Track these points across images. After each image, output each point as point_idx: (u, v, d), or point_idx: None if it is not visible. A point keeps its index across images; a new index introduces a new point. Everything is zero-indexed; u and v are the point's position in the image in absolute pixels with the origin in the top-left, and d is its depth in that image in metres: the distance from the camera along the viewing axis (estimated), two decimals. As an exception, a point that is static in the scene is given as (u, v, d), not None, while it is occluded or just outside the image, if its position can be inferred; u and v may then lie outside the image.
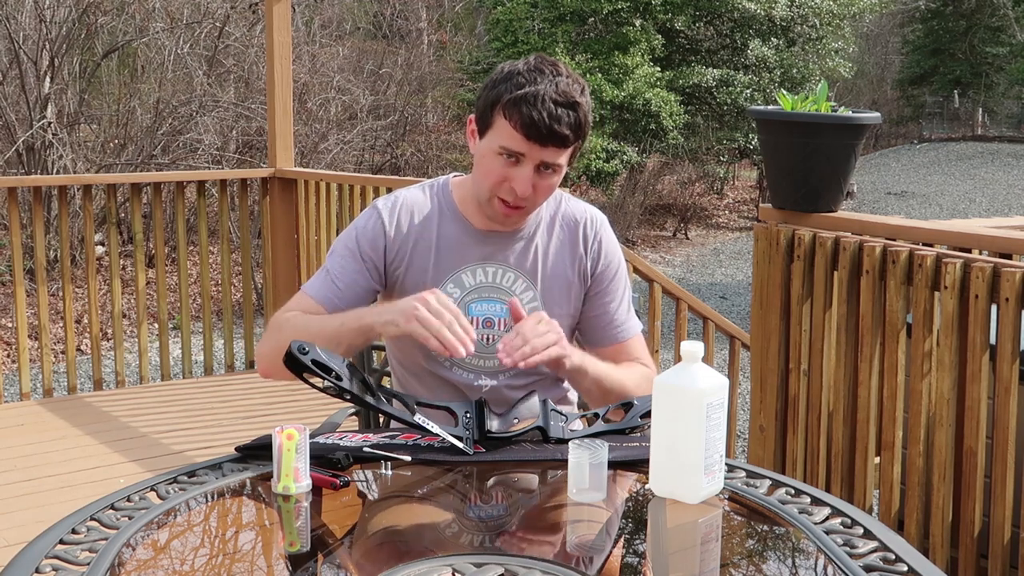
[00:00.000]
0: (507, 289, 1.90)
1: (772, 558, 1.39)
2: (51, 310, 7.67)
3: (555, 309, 1.92)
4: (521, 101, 1.74)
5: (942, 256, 2.53)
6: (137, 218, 5.06)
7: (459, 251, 1.90)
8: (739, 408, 6.52)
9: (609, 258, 1.98)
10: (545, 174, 1.80)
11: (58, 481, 3.70)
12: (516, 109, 1.74)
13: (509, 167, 1.78)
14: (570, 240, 1.95)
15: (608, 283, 1.97)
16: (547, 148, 1.76)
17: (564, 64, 1.81)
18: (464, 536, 1.40)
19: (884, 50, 30.19)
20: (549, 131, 1.74)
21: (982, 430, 2.47)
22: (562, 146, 1.77)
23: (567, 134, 1.75)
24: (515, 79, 1.76)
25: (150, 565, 1.31)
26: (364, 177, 5.16)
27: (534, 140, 1.75)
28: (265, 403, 4.65)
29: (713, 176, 18.92)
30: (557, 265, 1.94)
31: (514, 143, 1.76)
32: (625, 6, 15.12)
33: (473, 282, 1.90)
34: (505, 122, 1.76)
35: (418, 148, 14.00)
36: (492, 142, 1.79)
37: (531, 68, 1.77)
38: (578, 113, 1.76)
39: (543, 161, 1.77)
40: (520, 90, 1.74)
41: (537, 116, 1.73)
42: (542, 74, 1.76)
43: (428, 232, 1.91)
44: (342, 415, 2.04)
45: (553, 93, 1.74)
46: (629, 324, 2.00)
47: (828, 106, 2.92)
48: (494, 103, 1.78)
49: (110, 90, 11.47)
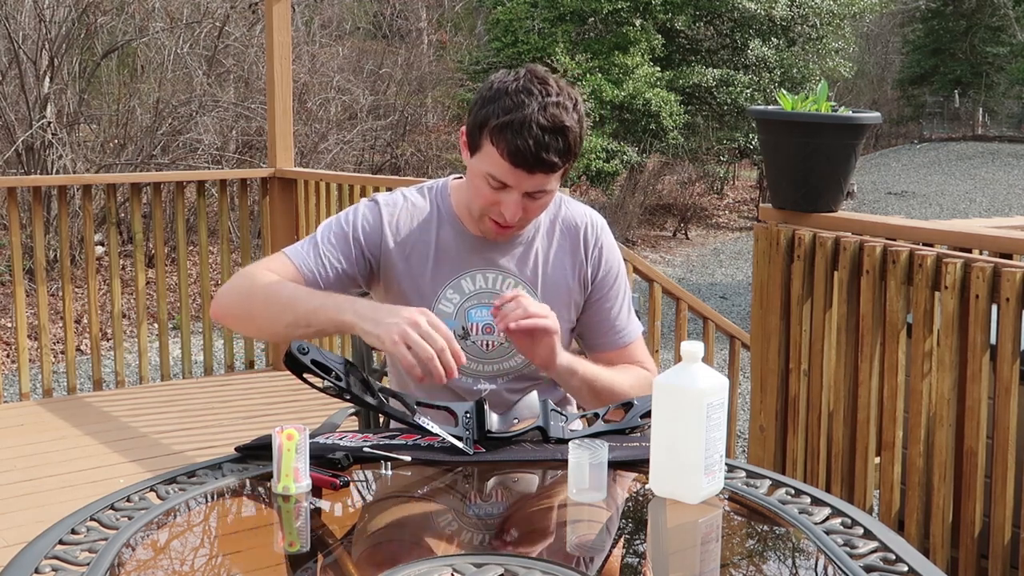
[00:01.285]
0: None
1: (772, 558, 1.39)
2: (51, 310, 7.66)
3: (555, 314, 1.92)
4: (507, 128, 1.70)
5: (942, 256, 2.53)
6: (137, 218, 5.05)
7: (458, 257, 1.89)
8: (739, 408, 6.52)
9: (610, 264, 1.97)
10: (535, 196, 1.78)
11: (58, 481, 3.70)
12: (502, 136, 1.70)
13: (497, 192, 1.76)
14: (571, 246, 1.94)
15: (608, 289, 1.96)
16: (535, 175, 1.73)
17: (555, 79, 1.76)
18: (464, 536, 1.40)
19: (884, 50, 30.20)
20: (536, 159, 1.70)
21: (982, 430, 2.47)
22: (550, 172, 1.74)
23: (555, 161, 1.72)
24: (502, 101, 1.71)
25: (150, 565, 1.31)
26: (364, 177, 5.17)
27: (521, 168, 1.71)
28: (265, 403, 4.65)
29: (713, 176, 18.92)
30: (557, 270, 1.93)
31: (501, 172, 1.73)
32: (625, 6, 15.12)
33: (472, 288, 1.89)
34: (492, 148, 1.72)
35: (418, 148, 14.00)
36: (480, 165, 1.77)
37: (519, 89, 1.72)
38: (567, 138, 1.72)
39: (532, 186, 1.75)
40: (507, 115, 1.70)
41: (523, 144, 1.69)
42: (530, 95, 1.70)
43: (427, 237, 1.89)
44: (342, 415, 2.04)
45: (540, 118, 1.69)
46: (629, 329, 1.99)
47: (828, 106, 2.92)
48: (482, 125, 1.74)
49: (110, 90, 11.47)
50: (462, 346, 1.84)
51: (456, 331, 1.86)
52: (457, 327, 1.87)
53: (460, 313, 1.87)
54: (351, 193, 4.82)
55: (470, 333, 1.88)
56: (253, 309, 1.78)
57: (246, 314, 1.80)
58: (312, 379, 1.63)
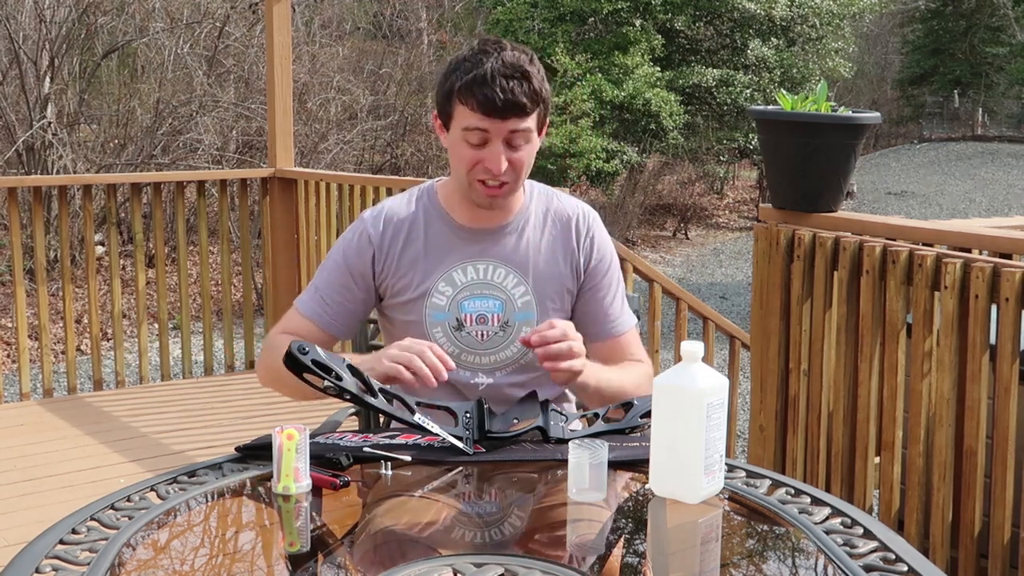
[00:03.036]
0: (499, 285, 1.91)
1: (772, 558, 1.39)
2: (51, 310, 7.66)
3: (548, 304, 1.93)
4: (472, 83, 1.77)
5: (942, 256, 2.53)
6: (137, 218, 5.06)
7: (448, 250, 1.91)
8: (739, 408, 6.52)
9: (602, 252, 1.99)
10: (516, 146, 1.82)
11: (58, 481, 3.70)
12: (469, 92, 1.78)
13: (479, 149, 1.81)
14: (562, 235, 1.96)
15: (601, 278, 1.98)
16: (508, 119, 1.78)
17: (508, 41, 1.85)
18: (464, 536, 1.40)
19: (884, 50, 30.20)
20: (505, 103, 1.76)
21: (982, 430, 2.47)
22: (523, 114, 1.79)
23: (524, 102, 1.78)
24: (463, 65, 1.80)
25: (150, 565, 1.31)
26: (364, 177, 5.16)
27: (494, 116, 1.78)
28: (265, 403, 4.65)
29: (713, 176, 18.92)
30: (549, 260, 1.94)
31: (475, 122, 1.79)
32: (625, 6, 15.12)
33: (464, 279, 1.90)
34: (463, 107, 1.79)
35: (418, 148, 13.99)
36: (456, 129, 1.83)
37: (475, 51, 1.81)
38: (531, 81, 1.79)
39: (509, 132, 1.80)
40: (469, 74, 1.78)
41: (490, 92, 1.76)
42: (487, 54, 1.79)
43: (415, 236, 1.92)
44: (342, 415, 2.04)
45: (500, 67, 1.77)
46: (623, 319, 2.01)
47: (828, 106, 2.92)
48: (449, 93, 1.81)
49: (110, 90, 11.47)
50: (456, 338, 1.89)
51: (450, 323, 1.89)
52: (451, 319, 1.88)
53: (453, 305, 1.89)
54: (351, 193, 4.82)
55: (464, 324, 1.89)
56: (284, 387, 1.90)
57: (286, 388, 1.90)
58: (312, 379, 1.63)
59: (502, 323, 1.90)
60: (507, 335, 1.89)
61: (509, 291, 1.91)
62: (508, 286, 1.91)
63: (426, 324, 1.90)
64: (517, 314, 1.90)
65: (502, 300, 1.90)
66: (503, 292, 1.90)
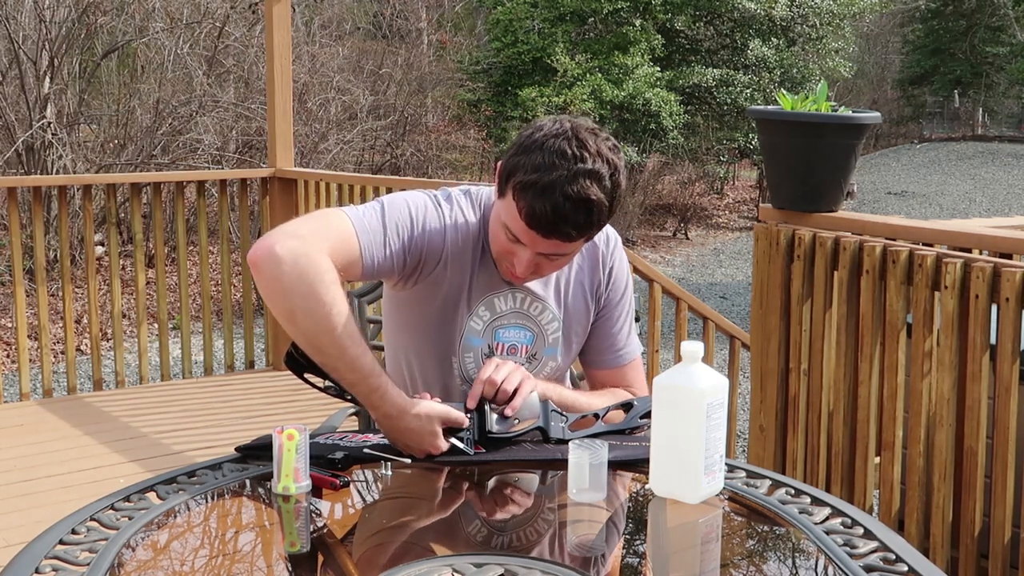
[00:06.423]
0: (534, 317, 1.86)
1: (772, 558, 1.39)
2: (51, 310, 7.66)
3: (572, 338, 1.90)
4: (531, 188, 1.63)
5: (942, 256, 2.53)
6: (137, 218, 5.05)
7: (494, 274, 1.83)
8: (739, 408, 6.52)
9: (618, 281, 1.94)
10: (551, 257, 1.73)
11: (58, 481, 3.70)
12: (524, 195, 1.64)
13: (512, 244, 1.71)
14: (590, 267, 1.91)
15: (614, 307, 1.94)
16: (550, 240, 1.67)
17: (597, 141, 1.66)
18: (464, 536, 1.40)
19: (884, 50, 30.19)
20: (552, 227, 1.64)
21: (982, 430, 2.47)
22: (566, 241, 1.68)
23: (571, 233, 1.65)
24: (535, 156, 1.64)
25: (150, 565, 1.31)
26: (364, 177, 5.16)
27: (536, 231, 1.65)
28: (265, 403, 4.65)
29: (713, 176, 18.91)
30: (577, 295, 1.90)
31: (516, 228, 1.67)
32: (625, 6, 15.13)
33: (504, 307, 1.84)
34: (513, 202, 1.67)
35: (418, 148, 14.00)
36: (501, 213, 1.71)
37: (555, 149, 1.63)
38: (590, 211, 1.64)
39: (548, 249, 1.70)
40: (534, 174, 1.63)
41: (541, 209, 1.62)
42: (563, 157, 1.62)
43: (468, 250, 1.81)
44: (342, 415, 2.04)
45: (566, 187, 1.61)
46: (628, 349, 1.96)
47: (828, 106, 2.91)
48: (510, 174, 1.68)
49: (110, 90, 11.47)
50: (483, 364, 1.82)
51: (482, 349, 1.84)
52: (483, 345, 1.84)
53: (488, 331, 1.83)
54: (351, 193, 4.82)
55: (495, 352, 1.84)
56: (298, 310, 1.58)
57: (287, 308, 1.59)
58: (312, 379, 1.63)
59: (530, 355, 1.86)
60: (531, 368, 1.85)
61: (543, 325, 1.87)
62: (543, 320, 1.87)
63: (459, 346, 1.83)
64: (547, 349, 1.87)
65: (534, 333, 1.86)
66: (536, 325, 1.86)
